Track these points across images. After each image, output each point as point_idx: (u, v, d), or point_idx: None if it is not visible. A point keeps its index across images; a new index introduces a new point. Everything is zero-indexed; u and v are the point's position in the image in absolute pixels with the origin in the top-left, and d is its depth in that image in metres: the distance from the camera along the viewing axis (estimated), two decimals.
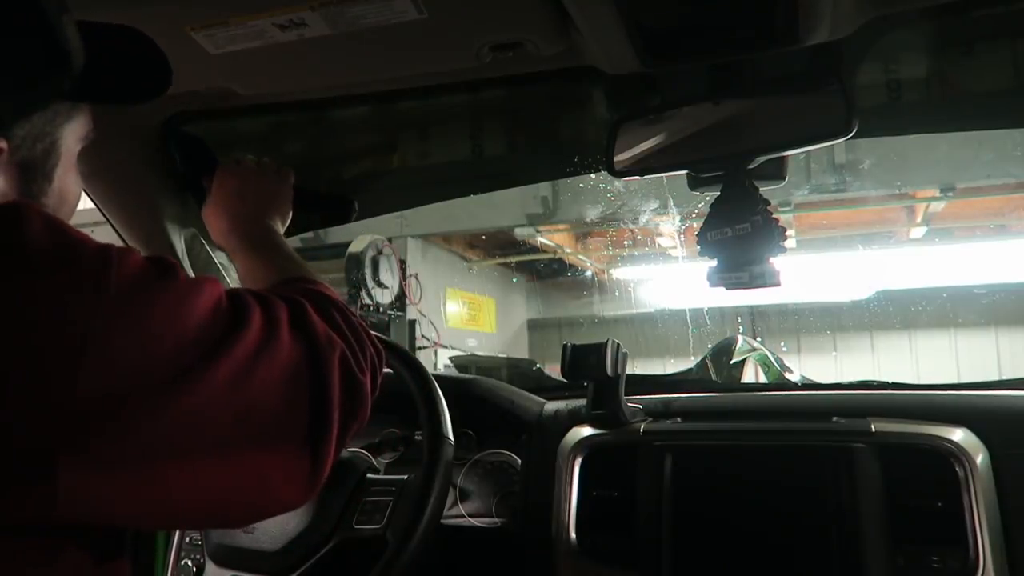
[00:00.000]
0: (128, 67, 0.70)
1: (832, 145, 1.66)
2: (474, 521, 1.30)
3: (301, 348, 0.64)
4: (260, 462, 0.59)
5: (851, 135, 0.83)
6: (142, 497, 0.52)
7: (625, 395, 1.23)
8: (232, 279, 1.35)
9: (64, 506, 0.48)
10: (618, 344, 1.20)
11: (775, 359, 1.68)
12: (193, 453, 0.54)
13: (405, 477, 1.15)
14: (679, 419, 1.25)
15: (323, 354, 0.65)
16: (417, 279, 6.22)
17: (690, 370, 1.74)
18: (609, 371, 1.18)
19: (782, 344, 7.41)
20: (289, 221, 1.06)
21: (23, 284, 0.49)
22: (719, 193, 0.95)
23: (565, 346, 1.22)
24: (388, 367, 0.90)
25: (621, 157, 0.98)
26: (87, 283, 0.50)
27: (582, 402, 1.27)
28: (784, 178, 0.99)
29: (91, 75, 0.62)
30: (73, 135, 0.67)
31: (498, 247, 7.57)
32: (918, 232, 6.32)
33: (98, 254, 0.52)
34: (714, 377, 1.70)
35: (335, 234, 5.41)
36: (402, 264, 5.88)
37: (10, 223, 0.51)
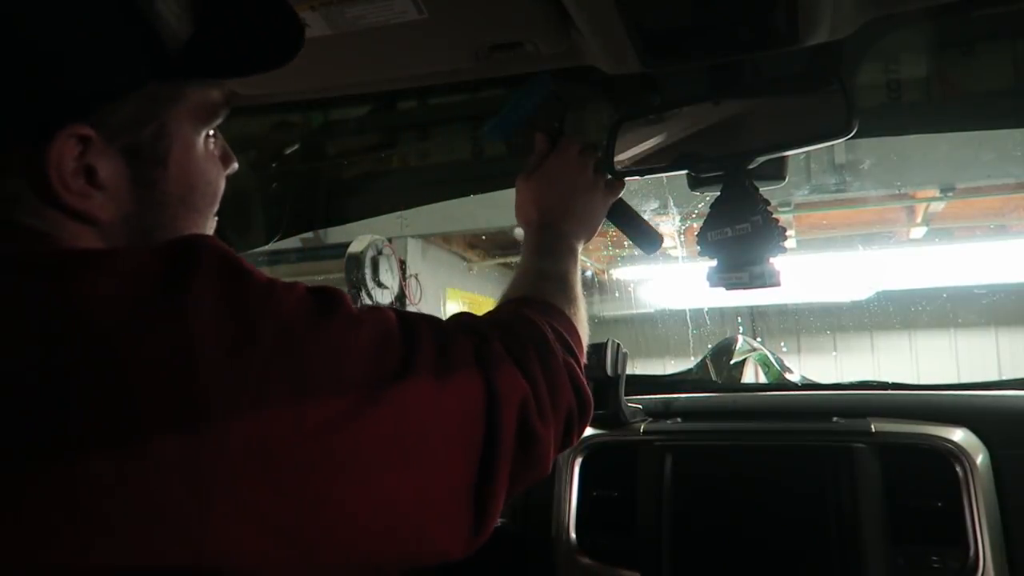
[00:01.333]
0: (244, 35, 0.60)
1: (832, 145, 1.66)
2: None
3: (476, 391, 0.60)
4: (419, 513, 0.55)
5: (851, 135, 0.83)
6: (288, 545, 0.48)
7: (625, 395, 1.23)
8: None
9: (209, 554, 0.45)
10: (618, 344, 1.20)
11: (775, 359, 1.67)
12: (344, 502, 0.50)
13: None
14: (679, 419, 1.25)
15: (499, 399, 0.60)
16: (417, 279, 6.20)
17: (690, 370, 1.73)
18: (609, 371, 1.18)
19: (782, 344, 7.40)
20: (591, 238, 0.95)
21: (185, 318, 0.47)
22: (719, 193, 0.95)
23: None
24: None
25: (621, 157, 0.98)
26: (247, 321, 0.48)
27: None
28: (784, 178, 0.99)
29: (200, 49, 0.57)
30: (188, 116, 0.60)
31: (498, 247, 7.56)
32: (918, 232, 6.31)
33: (262, 291, 0.51)
34: (714, 377, 1.69)
35: (335, 234, 5.39)
36: (402, 264, 5.86)
37: (182, 256, 0.49)
